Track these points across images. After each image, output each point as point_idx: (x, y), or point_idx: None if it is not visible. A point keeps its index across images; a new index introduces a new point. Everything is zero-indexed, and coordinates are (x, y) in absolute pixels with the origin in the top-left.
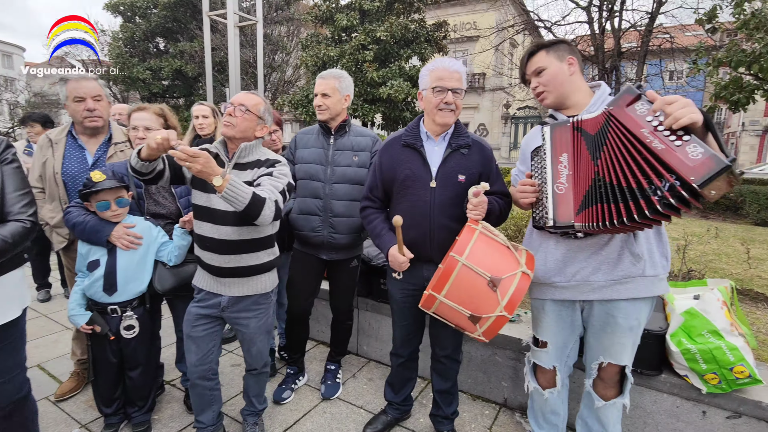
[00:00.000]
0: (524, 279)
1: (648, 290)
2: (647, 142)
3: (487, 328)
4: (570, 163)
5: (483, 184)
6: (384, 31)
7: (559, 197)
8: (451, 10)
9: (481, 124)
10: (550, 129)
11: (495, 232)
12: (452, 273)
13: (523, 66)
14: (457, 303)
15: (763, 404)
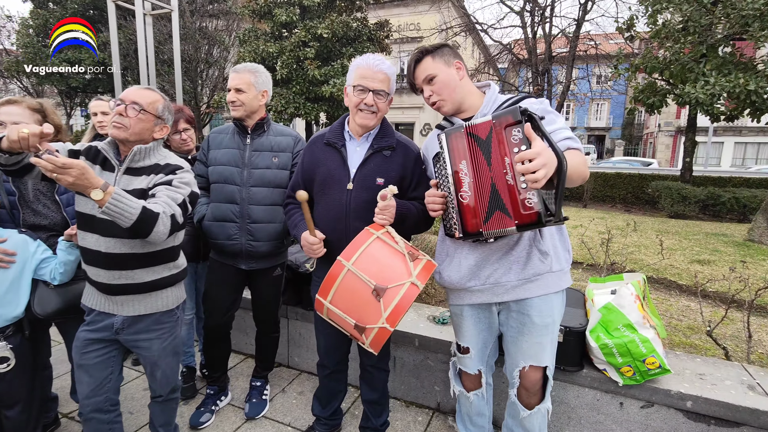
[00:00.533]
0: (411, 290)
1: (556, 285)
2: (503, 172)
3: (372, 339)
4: (470, 170)
5: (391, 188)
6: (325, 28)
7: (465, 207)
8: (394, 10)
9: (426, 123)
10: (445, 136)
11: (396, 239)
12: (337, 278)
13: (411, 74)
14: (343, 310)
15: (672, 392)
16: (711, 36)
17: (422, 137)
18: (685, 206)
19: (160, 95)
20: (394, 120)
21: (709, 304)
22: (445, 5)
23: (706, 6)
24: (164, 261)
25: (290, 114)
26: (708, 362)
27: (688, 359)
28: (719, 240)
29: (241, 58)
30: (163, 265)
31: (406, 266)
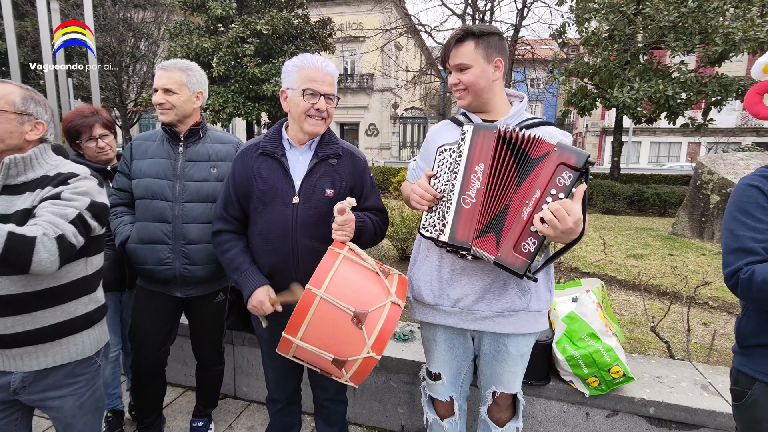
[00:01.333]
0: (394, 310)
1: (531, 326)
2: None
3: (355, 371)
4: (485, 177)
5: (349, 200)
6: (265, 24)
7: (464, 212)
8: (336, 9)
9: (371, 123)
10: (472, 130)
11: (363, 255)
12: (309, 310)
13: (447, 52)
14: (318, 346)
15: (635, 399)
16: (633, 45)
17: (368, 137)
18: (615, 202)
19: (15, 86)
20: (339, 120)
21: (647, 298)
22: (388, 6)
23: (629, 17)
24: (76, 296)
25: (229, 114)
26: (662, 363)
27: (644, 361)
28: (648, 234)
29: (171, 53)
30: (76, 301)
31: (381, 285)
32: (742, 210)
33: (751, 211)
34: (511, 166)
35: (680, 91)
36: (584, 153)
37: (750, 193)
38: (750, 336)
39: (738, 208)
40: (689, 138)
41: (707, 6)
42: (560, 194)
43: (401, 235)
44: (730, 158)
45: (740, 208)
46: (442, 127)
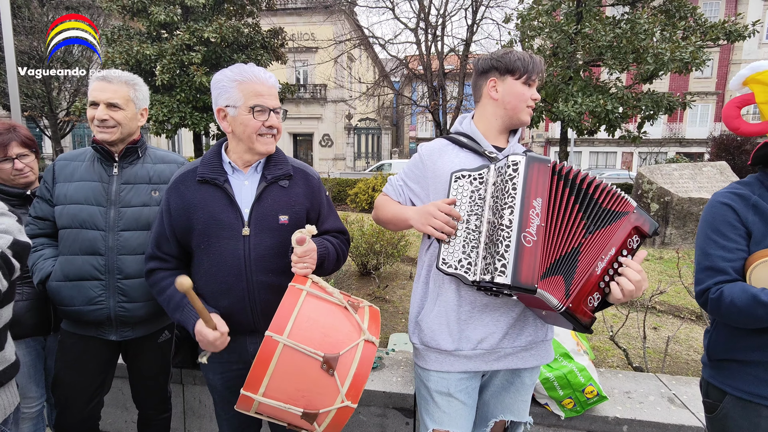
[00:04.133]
0: (368, 349)
1: (548, 356)
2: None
3: (329, 424)
4: (543, 213)
5: (309, 228)
6: (212, 32)
7: (525, 251)
8: (288, 18)
9: (325, 134)
10: (526, 161)
11: (328, 288)
12: (271, 361)
13: (537, 68)
14: (284, 400)
15: (609, 419)
16: (575, 62)
17: (322, 148)
18: None
19: None
20: (292, 131)
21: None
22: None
23: (570, 35)
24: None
25: (174, 124)
26: (629, 377)
27: (612, 376)
28: None
29: (109, 59)
30: None
31: (351, 321)
32: (714, 228)
33: (723, 230)
34: (572, 205)
35: (618, 105)
36: (654, 223)
37: (722, 212)
38: (720, 350)
39: (710, 227)
40: (623, 148)
41: (638, 28)
42: (628, 256)
43: (361, 251)
44: (666, 169)
45: (712, 226)
46: (440, 148)
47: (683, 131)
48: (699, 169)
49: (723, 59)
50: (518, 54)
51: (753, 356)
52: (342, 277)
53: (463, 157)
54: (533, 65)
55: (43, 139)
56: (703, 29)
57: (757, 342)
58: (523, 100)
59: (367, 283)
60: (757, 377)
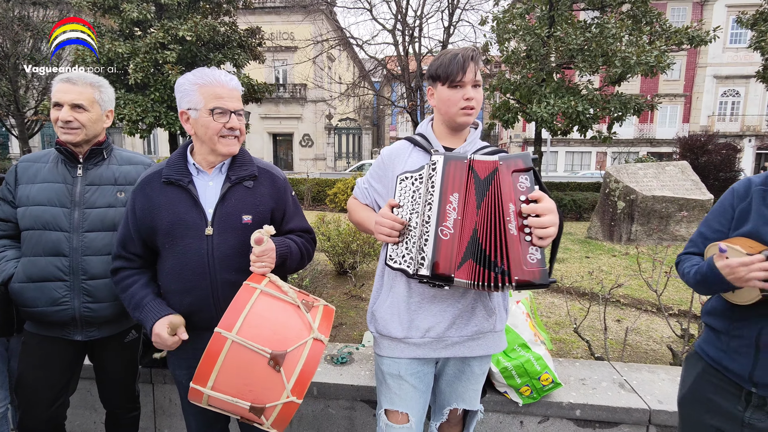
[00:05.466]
0: (317, 347)
1: (497, 346)
2: (506, 219)
3: (276, 418)
4: (459, 207)
5: (267, 228)
6: (188, 30)
7: (442, 244)
8: (266, 17)
9: (305, 134)
10: (444, 160)
11: (284, 287)
12: (218, 356)
13: (467, 66)
14: (232, 394)
15: (563, 404)
16: (548, 64)
17: (302, 148)
18: None
19: None
20: (272, 130)
21: (569, 300)
22: (319, 17)
23: (543, 38)
24: None
25: (149, 124)
26: (585, 365)
27: (569, 365)
28: (567, 238)
29: (79, 57)
30: None
31: (302, 319)
32: (713, 209)
33: (716, 212)
34: (472, 190)
35: (588, 107)
36: (526, 154)
37: (725, 196)
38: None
39: (713, 208)
40: (597, 148)
41: (607, 32)
42: (528, 195)
43: (338, 250)
44: (632, 168)
45: (714, 207)
46: (399, 148)
47: (653, 132)
48: (662, 168)
49: (690, 62)
50: (441, 60)
51: (710, 321)
52: (318, 276)
53: (416, 157)
54: (452, 67)
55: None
56: (667, 34)
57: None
58: (453, 104)
59: (343, 282)
60: (709, 338)
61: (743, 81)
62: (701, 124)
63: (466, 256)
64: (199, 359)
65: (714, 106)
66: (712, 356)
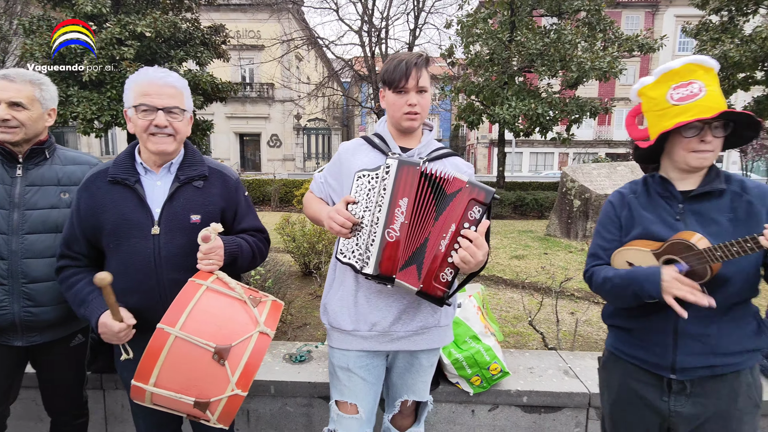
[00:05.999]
0: (262, 341)
1: (442, 340)
2: (442, 235)
3: (221, 412)
4: (408, 211)
5: (214, 226)
6: (146, 26)
7: (387, 245)
8: (231, 15)
9: (273, 134)
10: (397, 164)
11: (231, 284)
12: (161, 352)
13: (410, 72)
14: (175, 390)
15: (511, 391)
16: (510, 67)
17: (270, 149)
18: (501, 208)
19: None
20: (239, 130)
21: (527, 294)
22: (286, 15)
23: (505, 43)
24: None
25: (105, 123)
26: (534, 355)
27: (520, 355)
28: (528, 236)
29: (27, 51)
30: None
31: (249, 314)
32: (600, 222)
33: (604, 223)
34: (430, 201)
35: (548, 109)
36: (491, 190)
37: (607, 208)
38: (607, 316)
39: (599, 220)
40: (559, 149)
41: (564, 38)
42: (472, 227)
43: (303, 250)
44: (587, 168)
45: (600, 220)
46: (356, 146)
47: (611, 134)
48: (614, 168)
49: (644, 68)
50: (388, 66)
51: (620, 322)
52: (282, 277)
53: (372, 157)
54: (396, 73)
55: None
56: (619, 41)
57: (624, 313)
58: (398, 109)
59: (308, 282)
60: (623, 338)
61: None
62: None
63: (410, 261)
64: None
65: None
66: (629, 354)
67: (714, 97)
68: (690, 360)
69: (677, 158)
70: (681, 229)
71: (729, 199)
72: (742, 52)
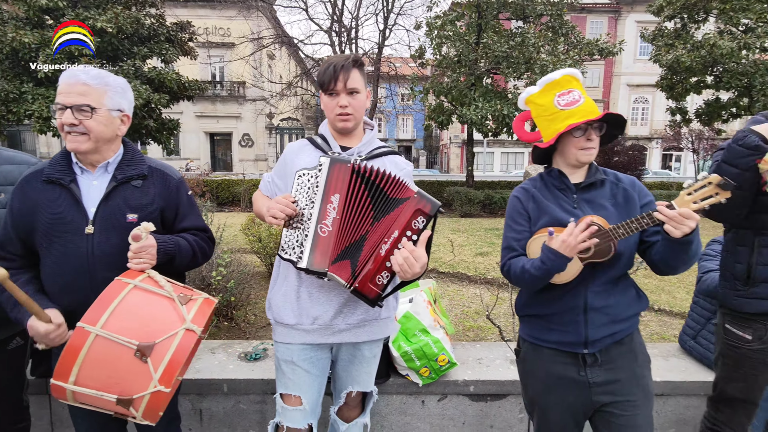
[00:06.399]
0: (188, 337)
1: (383, 332)
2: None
3: (145, 409)
4: (340, 207)
5: (145, 225)
6: (107, 21)
7: (320, 240)
8: (200, 11)
9: (245, 134)
10: (329, 162)
11: (161, 282)
12: (80, 351)
13: (338, 74)
14: (97, 388)
15: (459, 381)
16: (477, 69)
17: (242, 148)
18: (471, 207)
19: None
20: (209, 130)
21: (491, 290)
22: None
23: (472, 45)
24: None
25: None
26: (485, 346)
27: (471, 346)
28: (494, 234)
29: None
30: None
31: (176, 312)
32: (509, 216)
33: (514, 217)
34: (365, 198)
35: (514, 110)
36: (437, 203)
37: (513, 203)
38: (519, 308)
39: (508, 215)
40: (529, 149)
41: (528, 42)
42: (414, 236)
43: (269, 251)
44: None
45: (508, 215)
46: (300, 146)
47: None
48: None
49: (607, 71)
50: (320, 69)
51: (535, 311)
52: (245, 278)
53: (315, 156)
54: (325, 76)
55: None
56: (581, 45)
57: (538, 301)
58: (330, 110)
59: None
60: (540, 326)
61: (651, 89)
62: None
63: (343, 255)
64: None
65: (628, 111)
66: (549, 340)
67: (591, 103)
68: (598, 332)
69: (569, 155)
70: (579, 215)
71: (609, 188)
72: (692, 57)
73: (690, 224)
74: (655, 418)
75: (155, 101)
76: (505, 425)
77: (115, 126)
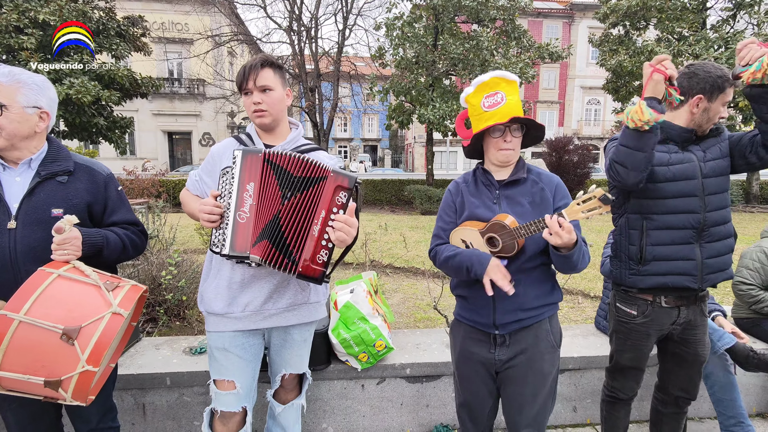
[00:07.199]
0: (114, 320)
1: (311, 315)
2: (314, 221)
3: (74, 389)
4: (255, 194)
5: (68, 217)
6: (49, 14)
7: (239, 226)
8: (155, 5)
9: (206, 133)
10: (242, 154)
11: (87, 272)
12: (4, 337)
13: (249, 73)
14: (23, 372)
15: (396, 365)
16: (435, 70)
17: (203, 147)
18: (431, 204)
19: None
20: (167, 128)
21: (439, 284)
22: (212, 9)
23: (429, 47)
24: None
25: None
26: (425, 333)
27: (411, 333)
28: None
29: None
30: None
31: (103, 298)
32: (441, 208)
33: (444, 208)
34: (274, 181)
35: None
36: (354, 176)
37: (446, 195)
38: (453, 288)
39: (441, 206)
40: None
41: (482, 45)
42: (340, 211)
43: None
44: None
45: (441, 206)
46: (226, 145)
47: None
48: None
49: (563, 74)
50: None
51: (459, 292)
52: (198, 277)
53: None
54: (239, 77)
55: None
56: (532, 49)
57: (462, 284)
58: (248, 108)
59: None
60: (462, 305)
61: (602, 91)
62: (572, 128)
63: (261, 236)
64: None
65: (582, 113)
66: (467, 318)
67: (512, 105)
68: (505, 317)
69: (490, 155)
70: (498, 211)
71: (529, 185)
72: (633, 62)
73: (563, 236)
74: (574, 390)
75: (105, 98)
76: (440, 403)
77: (32, 123)
